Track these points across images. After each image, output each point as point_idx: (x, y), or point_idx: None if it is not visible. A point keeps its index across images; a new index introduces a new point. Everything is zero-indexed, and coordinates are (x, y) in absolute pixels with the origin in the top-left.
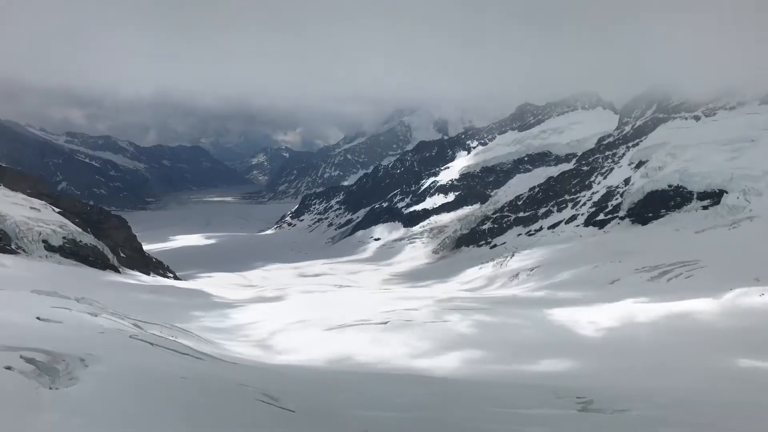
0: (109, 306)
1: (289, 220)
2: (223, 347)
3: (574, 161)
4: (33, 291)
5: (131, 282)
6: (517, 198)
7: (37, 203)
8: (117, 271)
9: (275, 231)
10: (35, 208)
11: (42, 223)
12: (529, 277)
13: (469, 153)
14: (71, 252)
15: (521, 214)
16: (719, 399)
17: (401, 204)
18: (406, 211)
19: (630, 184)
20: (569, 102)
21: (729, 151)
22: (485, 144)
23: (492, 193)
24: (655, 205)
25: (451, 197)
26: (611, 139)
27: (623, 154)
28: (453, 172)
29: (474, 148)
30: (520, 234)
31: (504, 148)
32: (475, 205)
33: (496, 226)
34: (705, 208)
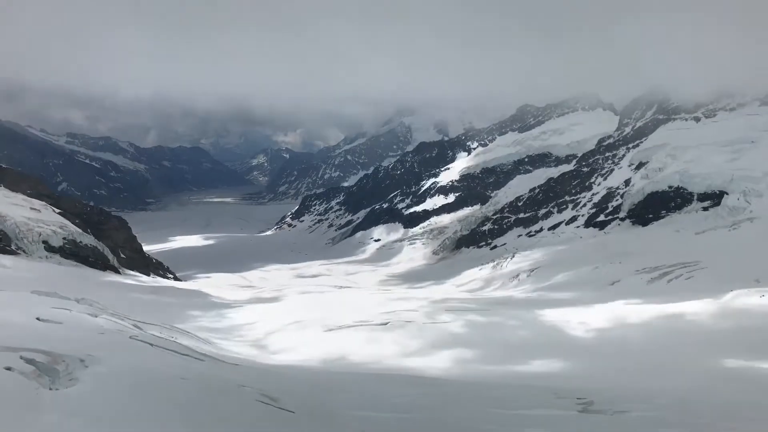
0: (109, 307)
1: (290, 221)
2: (221, 347)
3: (574, 162)
4: (33, 292)
5: (131, 283)
6: (518, 199)
7: (38, 204)
8: (117, 272)
9: (275, 232)
10: (35, 208)
11: (42, 224)
12: (529, 278)
13: (470, 154)
14: (71, 253)
15: (521, 215)
16: (719, 399)
17: (401, 205)
18: (406, 212)
19: (630, 185)
20: (569, 103)
21: (729, 153)
22: (485, 145)
23: (492, 194)
24: (656, 207)
25: (452, 198)
26: (611, 141)
27: (623, 155)
28: (453, 173)
29: (474, 149)
30: (520, 235)
31: (504, 149)
32: (476, 206)
33: (496, 227)
34: (705, 209)
